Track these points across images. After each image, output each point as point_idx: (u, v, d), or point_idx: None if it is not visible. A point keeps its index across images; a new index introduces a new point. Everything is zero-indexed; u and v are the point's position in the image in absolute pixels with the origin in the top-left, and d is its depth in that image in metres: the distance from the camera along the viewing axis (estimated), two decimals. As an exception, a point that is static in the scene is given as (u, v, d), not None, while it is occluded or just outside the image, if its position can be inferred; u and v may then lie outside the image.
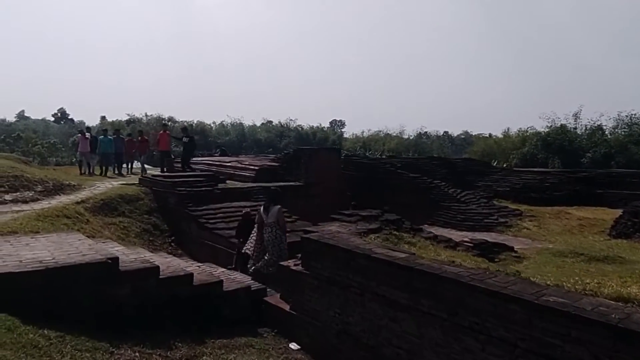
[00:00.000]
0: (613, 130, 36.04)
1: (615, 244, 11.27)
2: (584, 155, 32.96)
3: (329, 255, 5.59)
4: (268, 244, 8.16)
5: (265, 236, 8.22)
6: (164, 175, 13.24)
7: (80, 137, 17.32)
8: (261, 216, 8.37)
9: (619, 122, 35.17)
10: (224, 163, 16.87)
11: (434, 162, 22.08)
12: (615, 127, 35.93)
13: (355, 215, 7.28)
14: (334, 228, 6.51)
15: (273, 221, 8.25)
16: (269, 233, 8.18)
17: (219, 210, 11.53)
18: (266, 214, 8.30)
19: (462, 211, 14.77)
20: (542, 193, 18.79)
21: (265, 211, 8.36)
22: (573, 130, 36.70)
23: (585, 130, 37.15)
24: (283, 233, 8.30)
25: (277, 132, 68.10)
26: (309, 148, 16.48)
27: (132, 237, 10.59)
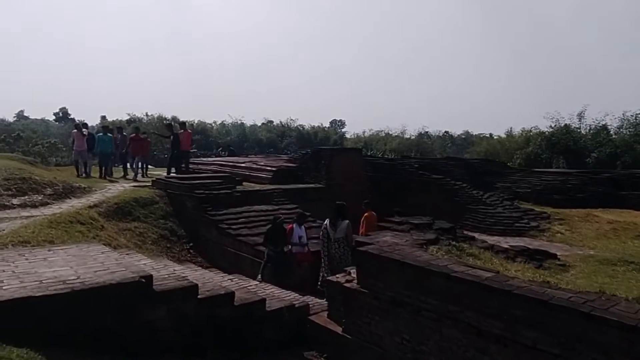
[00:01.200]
0: (618, 130, 35.65)
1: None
2: (589, 155, 32.45)
3: (394, 272, 4.87)
4: (335, 259, 7.65)
5: (332, 252, 7.71)
6: (178, 177, 12.49)
7: (76, 133, 14.85)
8: (327, 231, 7.85)
9: (624, 121, 34.85)
10: (238, 164, 16.12)
11: (451, 163, 21.35)
12: (620, 127, 35.52)
13: (406, 223, 6.57)
14: (388, 238, 5.79)
15: (342, 237, 7.77)
16: (336, 249, 7.69)
17: (240, 215, 10.80)
18: (334, 229, 7.80)
19: (490, 214, 14.06)
20: (565, 195, 18.05)
21: (332, 226, 7.86)
22: (577, 130, 36.42)
23: (590, 130, 36.78)
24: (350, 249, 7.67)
25: (278, 132, 67.70)
26: (330, 148, 15.76)
27: (149, 244, 9.86)
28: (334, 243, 7.71)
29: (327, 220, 8.05)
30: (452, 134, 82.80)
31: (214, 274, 7.39)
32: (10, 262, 5.10)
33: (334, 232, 7.79)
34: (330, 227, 7.86)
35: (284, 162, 16.21)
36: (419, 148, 58.75)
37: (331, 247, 7.74)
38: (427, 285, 4.53)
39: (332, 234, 7.81)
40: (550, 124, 36.98)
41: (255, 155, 22.84)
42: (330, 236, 7.83)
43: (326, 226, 7.95)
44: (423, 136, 74.15)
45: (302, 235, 8.66)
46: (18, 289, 4.21)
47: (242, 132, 65.56)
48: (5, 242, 6.71)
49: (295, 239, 8.57)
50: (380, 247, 5.30)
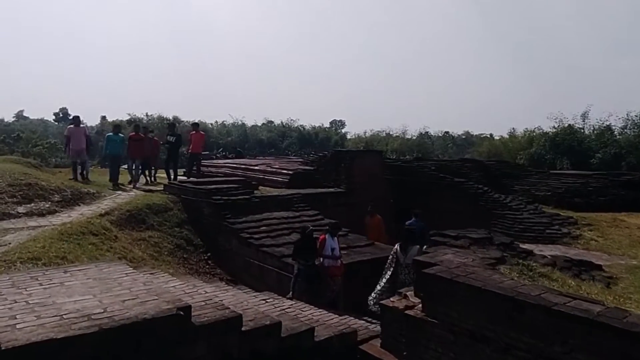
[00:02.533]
0: (622, 130, 35.24)
1: None
2: (594, 156, 32.07)
3: (473, 301, 4.17)
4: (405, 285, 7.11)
5: (402, 277, 7.40)
6: (193, 181, 11.76)
7: (73, 128, 12.41)
8: (397, 255, 7.59)
9: (628, 122, 34.45)
10: (251, 167, 15.38)
11: (467, 165, 20.63)
12: (624, 127, 35.11)
13: (464, 237, 5.86)
14: (451, 257, 5.08)
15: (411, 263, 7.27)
16: (405, 274, 7.35)
17: (261, 223, 10.08)
18: (404, 254, 7.48)
19: (519, 220, 13.35)
20: (587, 198, 17.34)
21: (403, 251, 7.54)
22: (580, 131, 36.04)
23: (594, 131, 36.40)
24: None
25: (278, 132, 67.41)
26: (350, 150, 15.05)
27: (165, 254, 9.14)
28: (404, 268, 7.44)
29: (398, 245, 7.78)
30: (452, 135, 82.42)
31: (245, 294, 6.64)
32: (22, 289, 4.37)
33: (404, 257, 7.49)
34: (401, 251, 7.59)
35: (300, 164, 15.48)
36: (421, 148, 58.37)
37: (401, 272, 7.47)
38: (519, 320, 3.82)
39: (402, 258, 7.53)
40: (554, 125, 36.62)
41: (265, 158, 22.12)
42: (401, 261, 7.56)
43: (396, 251, 7.68)
44: (424, 136, 73.76)
45: (336, 247, 7.94)
46: (35, 328, 3.48)
47: (243, 132, 65.03)
48: (13, 258, 5.99)
49: (327, 251, 7.85)
50: (450, 269, 4.59)
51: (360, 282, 8.15)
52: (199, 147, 13.91)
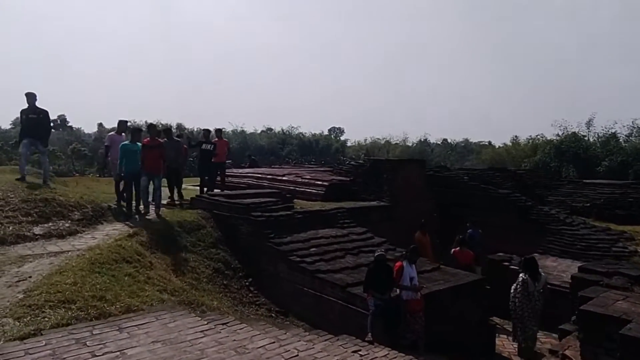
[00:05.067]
0: (627, 138, 35.08)
1: None
2: (600, 163, 31.74)
3: None
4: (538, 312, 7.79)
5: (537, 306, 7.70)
6: (225, 194, 10.49)
7: (115, 135, 10.32)
8: (528, 284, 7.66)
9: (634, 129, 34.25)
10: (278, 177, 14.13)
11: (497, 174, 19.47)
12: (630, 135, 34.98)
13: (616, 273, 4.66)
14: (623, 305, 3.87)
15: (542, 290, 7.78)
16: (536, 301, 7.67)
17: (309, 243, 8.84)
18: (534, 281, 7.65)
19: (579, 237, 12.17)
20: (628, 210, 16.24)
21: (533, 279, 7.65)
22: (584, 139, 35.79)
23: (599, 138, 36.10)
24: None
25: (278, 139, 66.96)
26: (393, 160, 13.83)
27: (204, 282, 7.87)
28: (537, 297, 7.66)
29: (526, 274, 7.75)
30: (451, 142, 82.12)
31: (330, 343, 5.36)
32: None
33: (534, 286, 7.65)
34: (532, 280, 7.66)
35: (330, 174, 14.26)
36: (422, 156, 57.89)
37: (534, 300, 7.64)
38: None
39: (532, 287, 7.64)
40: (558, 132, 36.95)
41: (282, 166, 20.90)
42: (531, 289, 7.64)
43: (526, 280, 7.66)
44: (423, 144, 73.33)
45: (414, 277, 6.72)
46: None
47: (243, 139, 64.22)
48: (40, 302, 4.73)
49: (406, 281, 6.63)
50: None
51: (439, 316, 6.93)
52: (223, 156, 12.62)
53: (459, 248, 9.80)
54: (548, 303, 9.46)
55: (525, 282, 7.65)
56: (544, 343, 9.00)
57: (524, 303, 7.58)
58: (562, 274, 10.33)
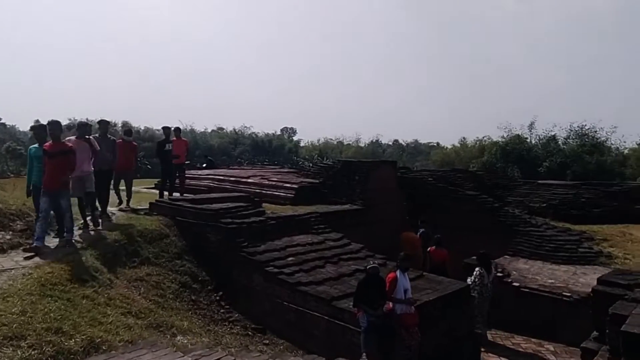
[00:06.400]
0: (565, 140, 37.15)
1: None
2: (541, 164, 33.45)
3: None
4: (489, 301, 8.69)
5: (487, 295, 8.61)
6: (188, 199, 9.59)
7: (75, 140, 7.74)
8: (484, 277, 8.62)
9: (571, 132, 36.41)
10: (242, 179, 13.30)
11: (459, 175, 19.59)
12: (568, 138, 37.08)
13: (635, 284, 4.36)
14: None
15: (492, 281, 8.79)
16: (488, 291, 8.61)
17: (285, 252, 8.18)
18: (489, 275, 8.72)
19: (547, 239, 12.24)
20: (582, 210, 16.76)
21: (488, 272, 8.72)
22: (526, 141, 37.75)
23: (540, 140, 38.10)
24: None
25: (230, 139, 65.66)
26: (365, 161, 13.34)
27: (171, 299, 7.03)
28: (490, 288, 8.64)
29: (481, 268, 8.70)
30: (402, 143, 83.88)
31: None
32: None
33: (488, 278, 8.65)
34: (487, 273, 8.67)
35: (297, 176, 13.62)
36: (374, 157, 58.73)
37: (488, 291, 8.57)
38: None
39: (487, 279, 8.62)
40: (503, 134, 38.50)
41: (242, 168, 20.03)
42: (485, 281, 8.55)
43: (483, 273, 8.61)
44: (375, 144, 74.43)
45: (408, 288, 6.25)
46: None
47: (193, 138, 62.35)
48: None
49: (400, 294, 6.14)
50: None
51: (430, 329, 6.51)
52: (182, 157, 11.67)
53: (434, 247, 9.97)
54: (528, 307, 9.44)
55: (482, 275, 8.57)
56: (525, 348, 8.90)
57: (481, 294, 8.38)
58: (537, 276, 10.29)
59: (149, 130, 57.87)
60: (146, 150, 48.60)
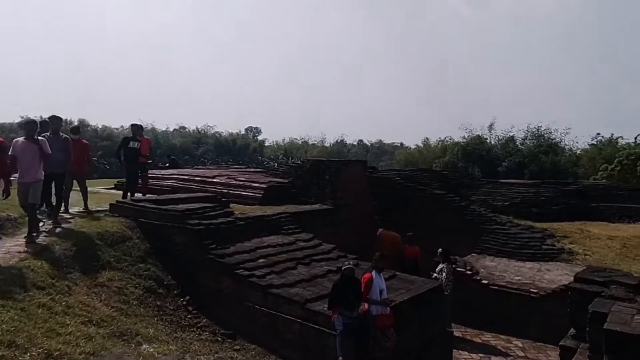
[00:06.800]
0: (523, 141, 38.64)
1: None
2: (500, 164, 34.71)
3: None
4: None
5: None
6: (154, 200, 9.15)
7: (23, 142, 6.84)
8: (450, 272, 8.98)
9: (528, 133, 37.94)
10: (207, 179, 12.89)
11: (425, 175, 19.81)
12: (525, 138, 38.57)
13: (612, 281, 4.38)
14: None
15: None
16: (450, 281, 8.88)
17: (256, 253, 7.93)
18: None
19: (512, 236, 12.50)
20: (543, 208, 17.33)
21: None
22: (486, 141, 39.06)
23: (499, 141, 39.48)
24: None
25: (193, 138, 64.47)
26: (335, 160, 13.14)
27: (135, 305, 6.64)
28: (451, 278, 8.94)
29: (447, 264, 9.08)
30: (366, 143, 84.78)
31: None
32: None
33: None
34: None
35: (266, 175, 13.34)
36: (339, 156, 59.06)
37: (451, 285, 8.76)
38: None
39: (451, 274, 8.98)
40: (464, 135, 39.31)
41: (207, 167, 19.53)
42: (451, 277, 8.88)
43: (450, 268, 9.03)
44: (340, 144, 74.89)
45: (384, 289, 6.14)
46: None
47: (154, 137, 60.69)
48: None
49: (375, 295, 6.02)
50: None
51: (404, 329, 6.43)
52: (145, 156, 11.18)
53: (407, 244, 10.03)
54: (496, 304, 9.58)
55: (450, 270, 9.00)
56: (495, 345, 9.00)
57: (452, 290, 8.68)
58: (504, 274, 10.46)
59: (107, 128, 55.96)
60: (104, 149, 46.90)
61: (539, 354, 8.42)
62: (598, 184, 21.37)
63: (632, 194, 20.33)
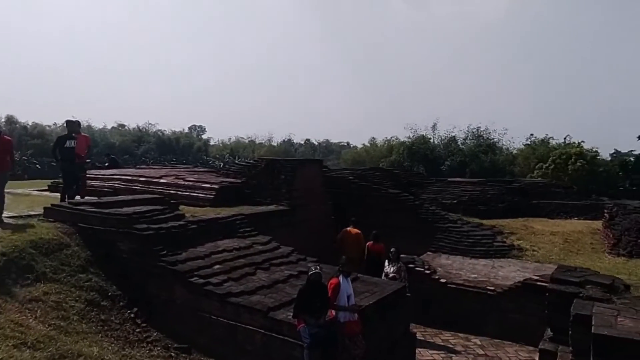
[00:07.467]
0: (464, 141, 40.43)
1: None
2: (443, 163, 36.13)
3: None
4: None
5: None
6: (94, 202, 8.34)
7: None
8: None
9: (469, 133, 39.76)
10: (153, 179, 12.07)
11: (377, 174, 19.89)
12: (466, 138, 40.34)
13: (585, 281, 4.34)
14: (626, 322, 3.50)
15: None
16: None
17: (211, 259, 7.40)
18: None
19: (465, 234, 12.68)
20: (489, 205, 17.89)
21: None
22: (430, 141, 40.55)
23: (442, 141, 41.08)
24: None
25: (133, 136, 62.01)
26: (291, 160, 12.72)
27: (76, 321, 5.96)
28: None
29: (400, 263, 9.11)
30: (313, 142, 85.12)
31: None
32: None
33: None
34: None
35: (217, 175, 12.72)
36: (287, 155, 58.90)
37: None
38: None
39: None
40: (409, 134, 40.95)
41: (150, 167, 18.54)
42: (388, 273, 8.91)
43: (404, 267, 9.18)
44: (287, 143, 74.69)
45: (351, 294, 5.85)
46: None
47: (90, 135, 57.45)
48: None
49: (343, 301, 5.72)
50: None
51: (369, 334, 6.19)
52: (83, 156, 10.27)
53: (372, 242, 9.96)
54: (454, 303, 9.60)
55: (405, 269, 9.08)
56: (455, 344, 8.99)
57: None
58: (460, 272, 10.55)
59: (38, 126, 52.23)
60: (35, 148, 43.60)
61: (498, 351, 8.50)
62: (538, 182, 22.36)
63: (568, 191, 21.50)
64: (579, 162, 28.53)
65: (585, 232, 14.34)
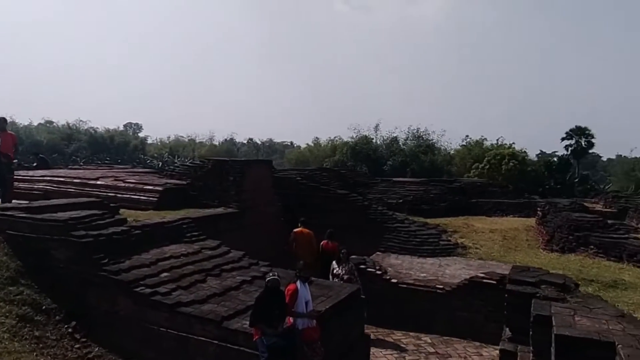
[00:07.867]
0: (405, 141, 41.90)
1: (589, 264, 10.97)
2: (385, 163, 37.30)
3: None
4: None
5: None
6: (24, 207, 7.58)
7: None
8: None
9: (409, 134, 41.30)
10: (89, 181, 11.25)
11: (325, 174, 19.93)
12: (407, 139, 41.83)
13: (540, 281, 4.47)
14: (585, 322, 3.63)
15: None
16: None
17: (157, 267, 6.96)
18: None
19: (412, 233, 12.92)
20: (432, 204, 18.49)
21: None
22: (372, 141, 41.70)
23: (384, 141, 42.32)
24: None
25: (62, 134, 58.54)
26: (239, 160, 12.30)
27: (7, 339, 5.40)
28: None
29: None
30: (257, 142, 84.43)
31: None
32: None
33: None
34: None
35: (160, 177, 12.11)
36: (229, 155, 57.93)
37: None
38: None
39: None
40: (353, 134, 41.68)
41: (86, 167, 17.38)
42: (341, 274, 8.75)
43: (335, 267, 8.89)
44: (230, 143, 73.53)
45: (309, 300, 5.70)
46: None
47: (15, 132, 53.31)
48: None
49: (301, 307, 5.56)
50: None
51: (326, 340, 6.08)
52: (10, 155, 9.40)
53: (327, 240, 9.99)
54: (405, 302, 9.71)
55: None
56: (406, 343, 9.09)
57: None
58: (410, 271, 10.69)
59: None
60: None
61: (448, 348, 8.68)
62: (476, 182, 23.37)
63: (504, 190, 22.61)
64: (511, 162, 30.12)
65: (521, 229, 15.12)
